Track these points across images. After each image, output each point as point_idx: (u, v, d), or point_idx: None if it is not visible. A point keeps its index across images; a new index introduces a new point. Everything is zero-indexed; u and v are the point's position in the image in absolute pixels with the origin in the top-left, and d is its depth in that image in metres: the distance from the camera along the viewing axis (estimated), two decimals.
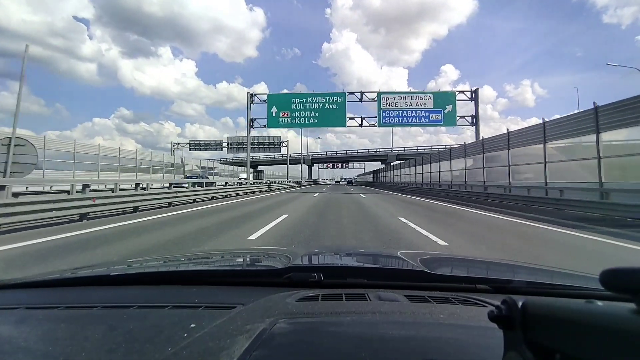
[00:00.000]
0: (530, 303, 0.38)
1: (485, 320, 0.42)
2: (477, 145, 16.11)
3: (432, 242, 4.97)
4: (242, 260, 1.52)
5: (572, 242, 5.29)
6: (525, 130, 12.43)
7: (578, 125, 9.42)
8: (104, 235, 5.37)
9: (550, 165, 10.81)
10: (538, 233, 6.14)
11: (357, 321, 0.68)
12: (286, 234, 5.56)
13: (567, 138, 10.23)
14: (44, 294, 0.93)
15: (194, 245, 4.68)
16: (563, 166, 10.61)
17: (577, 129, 9.50)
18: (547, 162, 10.86)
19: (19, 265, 3.67)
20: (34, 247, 4.39)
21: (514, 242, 5.27)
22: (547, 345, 0.35)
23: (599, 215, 7.73)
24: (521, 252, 4.41)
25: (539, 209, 9.73)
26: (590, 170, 8.94)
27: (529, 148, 12.09)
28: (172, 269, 1.25)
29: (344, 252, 1.66)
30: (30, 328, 0.67)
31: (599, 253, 4.58)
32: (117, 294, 0.92)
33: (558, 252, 4.59)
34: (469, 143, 17.42)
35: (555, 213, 8.82)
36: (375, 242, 4.96)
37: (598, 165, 8.54)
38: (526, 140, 12.10)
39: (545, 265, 1.41)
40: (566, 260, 4.04)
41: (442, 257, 1.72)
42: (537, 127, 11.47)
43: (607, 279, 0.33)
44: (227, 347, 0.52)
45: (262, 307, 0.73)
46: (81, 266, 1.26)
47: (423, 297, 0.81)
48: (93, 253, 4.16)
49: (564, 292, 0.91)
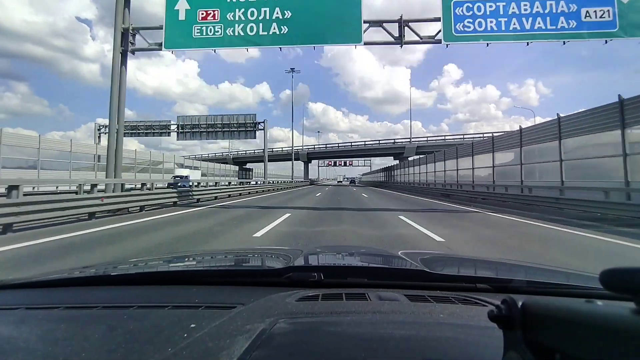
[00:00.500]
0: (530, 303, 0.38)
1: (486, 319, 0.42)
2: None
3: None
4: (242, 260, 1.52)
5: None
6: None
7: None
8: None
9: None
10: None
11: (357, 321, 0.68)
12: None
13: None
14: (44, 294, 0.93)
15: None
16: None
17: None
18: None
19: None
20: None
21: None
22: (547, 345, 0.35)
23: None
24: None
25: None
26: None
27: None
28: (172, 269, 1.25)
29: (344, 251, 1.66)
30: (30, 328, 0.67)
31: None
32: (117, 294, 0.92)
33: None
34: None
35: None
36: None
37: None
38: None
39: (546, 265, 1.41)
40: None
41: (443, 257, 1.71)
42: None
43: (607, 279, 0.33)
44: (227, 347, 0.52)
45: (262, 307, 0.73)
46: (81, 266, 1.26)
47: (423, 297, 0.81)
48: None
49: (564, 291, 0.91)
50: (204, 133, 29.44)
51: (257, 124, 29.07)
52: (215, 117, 29.36)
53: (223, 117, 29.22)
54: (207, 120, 29.25)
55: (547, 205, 9.71)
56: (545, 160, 11.24)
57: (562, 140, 10.23)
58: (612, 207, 7.62)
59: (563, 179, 10.17)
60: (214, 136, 29.71)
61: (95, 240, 4.97)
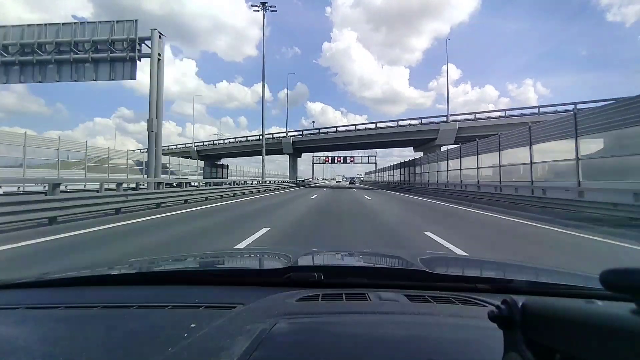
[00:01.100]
0: (530, 303, 0.38)
1: (485, 320, 0.42)
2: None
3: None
4: (242, 260, 1.52)
5: None
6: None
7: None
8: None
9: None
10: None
11: (357, 321, 0.68)
12: None
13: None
14: (44, 294, 0.93)
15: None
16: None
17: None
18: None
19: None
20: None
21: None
22: (547, 345, 0.35)
23: None
24: None
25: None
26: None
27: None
28: (172, 269, 1.25)
29: (344, 252, 1.66)
30: (30, 328, 0.67)
31: None
32: (117, 294, 0.92)
33: None
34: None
35: None
36: None
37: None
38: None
39: (546, 265, 1.41)
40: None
41: (443, 257, 1.72)
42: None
43: (607, 279, 0.33)
44: (227, 347, 0.52)
45: (262, 307, 0.73)
46: (81, 266, 1.26)
47: (423, 297, 0.81)
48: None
49: (564, 291, 0.91)
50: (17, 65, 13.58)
51: (137, 43, 13.00)
52: (42, 29, 13.61)
53: (60, 29, 13.56)
54: (26, 34, 13.63)
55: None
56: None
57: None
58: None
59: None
60: (42, 73, 13.81)
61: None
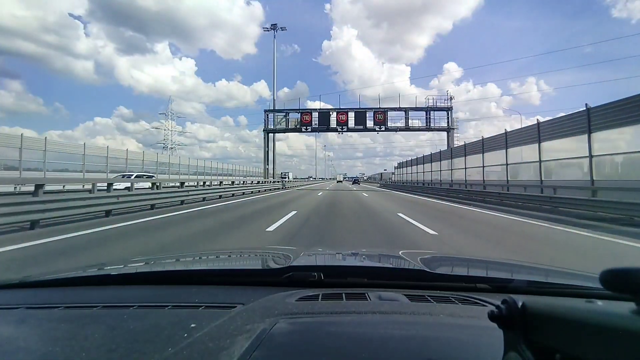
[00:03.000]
0: (530, 303, 0.38)
1: (485, 319, 0.42)
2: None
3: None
4: (242, 260, 1.52)
5: None
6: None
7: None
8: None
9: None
10: None
11: (357, 321, 0.68)
12: None
13: None
14: (44, 294, 0.93)
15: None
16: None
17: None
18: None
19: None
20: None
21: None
22: (547, 345, 0.35)
23: None
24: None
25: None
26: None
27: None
28: (172, 269, 1.25)
29: (344, 251, 1.66)
30: (30, 328, 0.67)
31: None
32: (117, 294, 0.92)
33: None
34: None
35: None
36: None
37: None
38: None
39: (546, 265, 1.41)
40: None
41: (443, 257, 1.71)
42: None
43: (607, 279, 0.33)
44: (227, 347, 0.52)
45: (262, 306, 0.73)
46: (81, 266, 1.26)
47: (423, 297, 0.81)
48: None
49: (564, 291, 0.91)
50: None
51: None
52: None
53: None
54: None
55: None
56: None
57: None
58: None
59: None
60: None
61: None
